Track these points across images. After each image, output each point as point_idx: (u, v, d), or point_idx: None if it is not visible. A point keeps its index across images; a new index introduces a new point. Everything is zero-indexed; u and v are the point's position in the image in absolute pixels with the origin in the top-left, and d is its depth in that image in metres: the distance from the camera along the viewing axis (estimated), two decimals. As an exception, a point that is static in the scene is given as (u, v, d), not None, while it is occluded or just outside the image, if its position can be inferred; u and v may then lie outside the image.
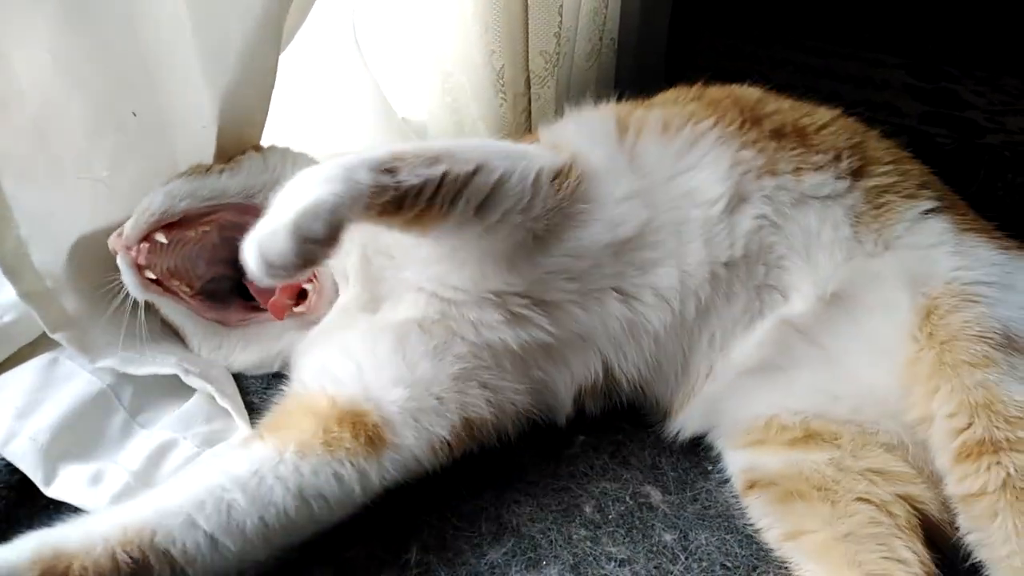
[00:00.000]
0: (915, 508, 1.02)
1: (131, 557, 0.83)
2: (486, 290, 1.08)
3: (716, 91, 1.23)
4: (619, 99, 1.26)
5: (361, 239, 1.13)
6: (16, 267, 1.06)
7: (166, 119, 1.19)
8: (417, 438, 1.01)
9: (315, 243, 0.82)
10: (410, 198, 0.93)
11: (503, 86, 1.54)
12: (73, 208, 1.14)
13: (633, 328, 1.12)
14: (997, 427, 0.94)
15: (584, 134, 1.16)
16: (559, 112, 1.57)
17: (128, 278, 1.12)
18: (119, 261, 1.12)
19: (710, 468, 1.17)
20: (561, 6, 1.54)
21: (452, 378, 1.05)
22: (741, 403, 1.14)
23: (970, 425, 0.95)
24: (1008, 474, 0.92)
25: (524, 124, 1.59)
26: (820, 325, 1.11)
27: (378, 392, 1.02)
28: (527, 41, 1.49)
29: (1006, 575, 0.92)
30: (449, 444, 1.04)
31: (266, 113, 1.31)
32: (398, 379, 1.03)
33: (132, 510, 0.87)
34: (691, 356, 1.15)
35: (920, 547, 0.99)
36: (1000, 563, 0.92)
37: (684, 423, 1.17)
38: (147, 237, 1.11)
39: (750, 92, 1.23)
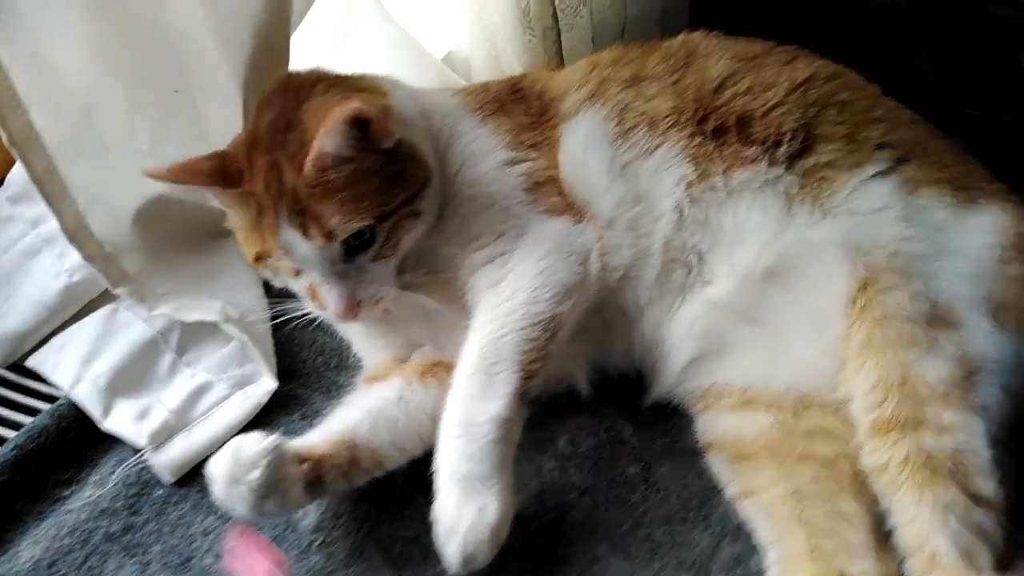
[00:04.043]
0: (857, 464, 1.05)
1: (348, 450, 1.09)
2: None
3: (692, 73, 1.17)
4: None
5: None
6: (78, 235, 1.21)
7: (195, 96, 1.32)
8: None
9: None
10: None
11: (530, 22, 1.58)
12: (124, 180, 1.28)
13: (608, 327, 1.20)
14: (905, 406, 0.98)
15: (587, 175, 1.17)
16: (595, 41, 1.62)
17: None
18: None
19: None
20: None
21: None
22: (687, 383, 1.20)
23: (883, 402, 1.00)
24: (908, 452, 0.97)
25: (556, 56, 1.62)
26: (754, 302, 1.13)
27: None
28: (550, -25, 1.51)
29: (906, 539, 0.98)
30: None
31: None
32: None
33: (341, 423, 1.12)
34: (636, 349, 1.21)
35: (863, 500, 1.05)
36: (902, 528, 0.99)
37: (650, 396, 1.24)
38: None
39: (715, 72, 1.16)
